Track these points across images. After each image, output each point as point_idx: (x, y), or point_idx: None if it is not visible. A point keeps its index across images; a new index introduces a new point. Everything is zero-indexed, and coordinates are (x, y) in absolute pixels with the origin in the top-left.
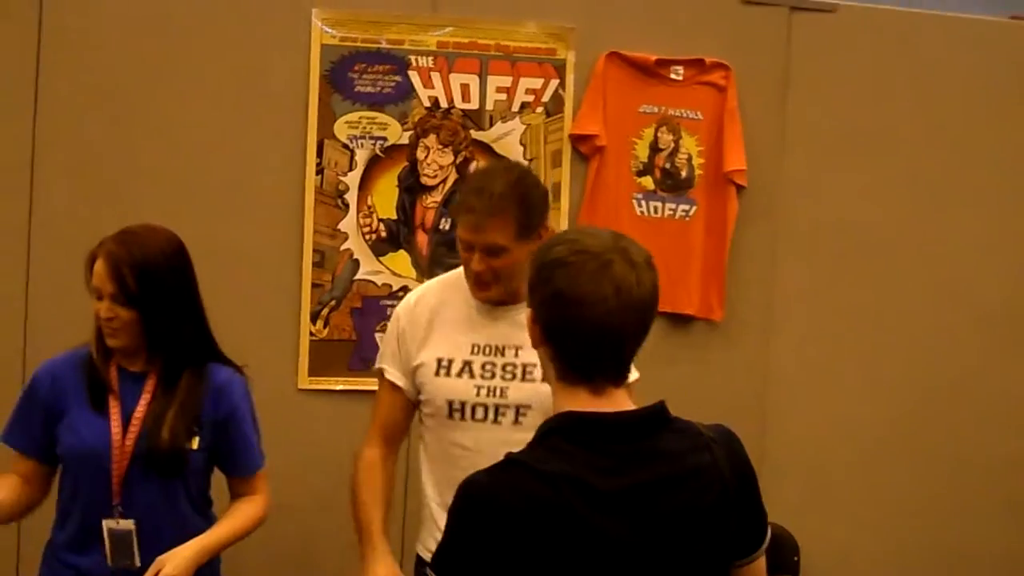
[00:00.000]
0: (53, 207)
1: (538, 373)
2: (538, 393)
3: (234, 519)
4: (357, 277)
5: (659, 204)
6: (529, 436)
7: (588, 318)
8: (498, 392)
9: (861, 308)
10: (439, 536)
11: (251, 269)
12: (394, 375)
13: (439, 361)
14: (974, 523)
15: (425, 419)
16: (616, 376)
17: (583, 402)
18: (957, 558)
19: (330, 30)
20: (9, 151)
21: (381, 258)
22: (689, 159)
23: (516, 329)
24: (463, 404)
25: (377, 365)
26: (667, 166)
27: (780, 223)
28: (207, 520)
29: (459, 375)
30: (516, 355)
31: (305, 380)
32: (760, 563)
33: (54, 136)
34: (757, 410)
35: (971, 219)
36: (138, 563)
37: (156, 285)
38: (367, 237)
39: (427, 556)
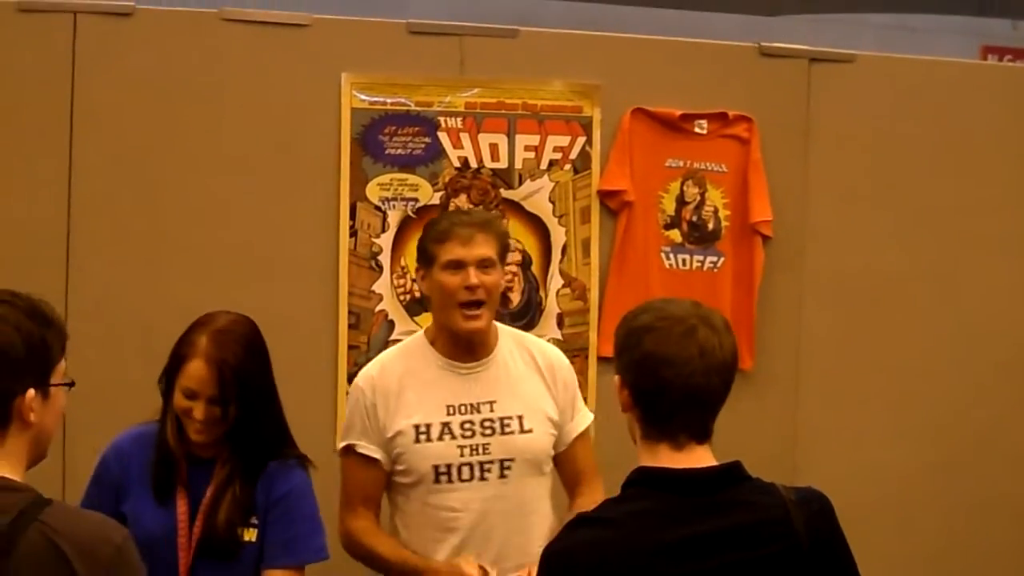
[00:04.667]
0: (89, 279)
1: (515, 425)
2: (518, 446)
3: None
4: (392, 337)
5: (687, 256)
6: (515, 489)
7: (675, 378)
8: (481, 449)
9: (888, 355)
10: None
11: (287, 332)
12: (368, 448)
13: (416, 428)
14: (1002, 570)
15: (403, 488)
16: (698, 434)
17: (662, 457)
18: None
19: (360, 94)
20: (45, 224)
21: (416, 318)
22: (715, 211)
23: (487, 384)
24: (449, 467)
25: (344, 442)
26: (694, 219)
27: (806, 272)
28: None
29: (440, 438)
30: (492, 409)
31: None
32: None
33: (88, 208)
34: (787, 458)
35: (995, 265)
36: None
37: (252, 383)
38: (401, 298)
39: None
